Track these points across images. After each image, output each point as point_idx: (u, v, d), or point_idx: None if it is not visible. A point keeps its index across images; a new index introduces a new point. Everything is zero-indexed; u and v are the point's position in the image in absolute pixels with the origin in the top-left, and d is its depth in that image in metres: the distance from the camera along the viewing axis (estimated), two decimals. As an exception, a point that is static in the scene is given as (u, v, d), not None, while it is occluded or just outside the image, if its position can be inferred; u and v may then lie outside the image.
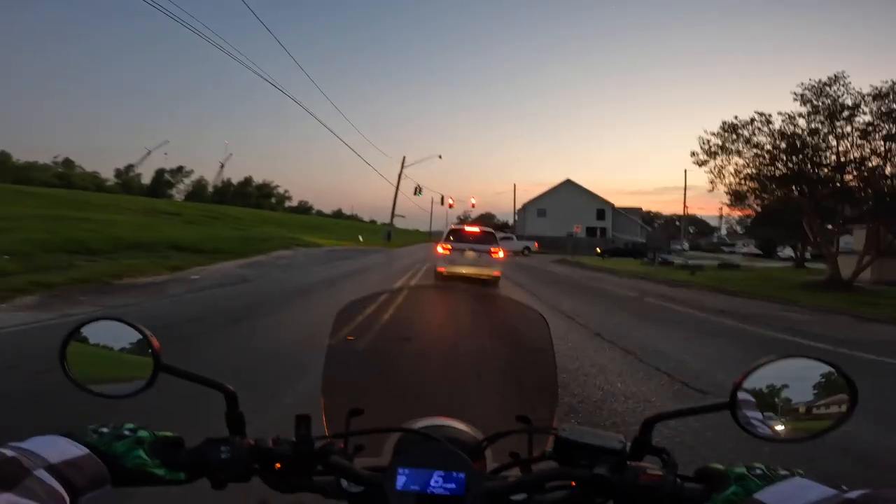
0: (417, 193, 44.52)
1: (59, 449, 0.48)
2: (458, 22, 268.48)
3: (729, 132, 17.07)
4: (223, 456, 0.58)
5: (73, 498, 0.45)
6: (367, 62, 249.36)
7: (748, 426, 0.57)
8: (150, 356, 0.62)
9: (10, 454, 0.44)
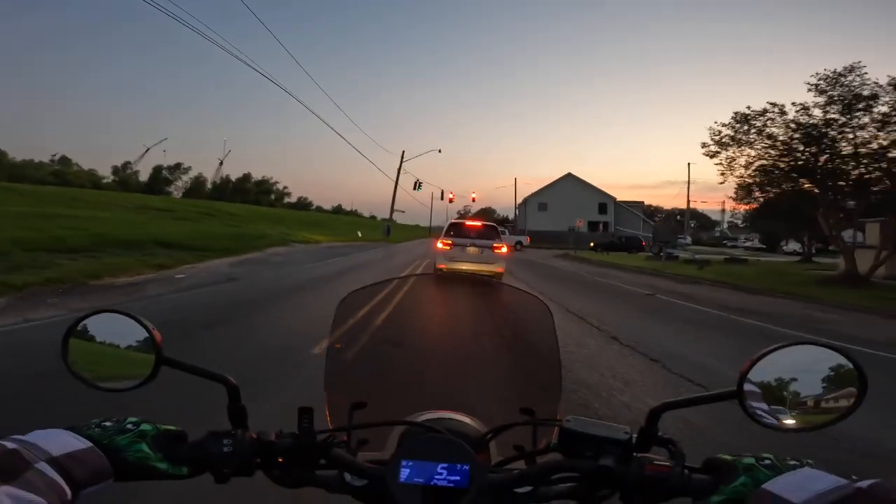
0: (417, 188, 43.51)
1: (61, 442, 0.48)
2: (458, 15, 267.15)
3: (741, 122, 16.46)
4: (225, 450, 0.57)
5: (74, 491, 0.45)
6: (366, 57, 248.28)
7: (756, 415, 0.55)
8: (151, 349, 0.61)
9: (11, 446, 0.44)
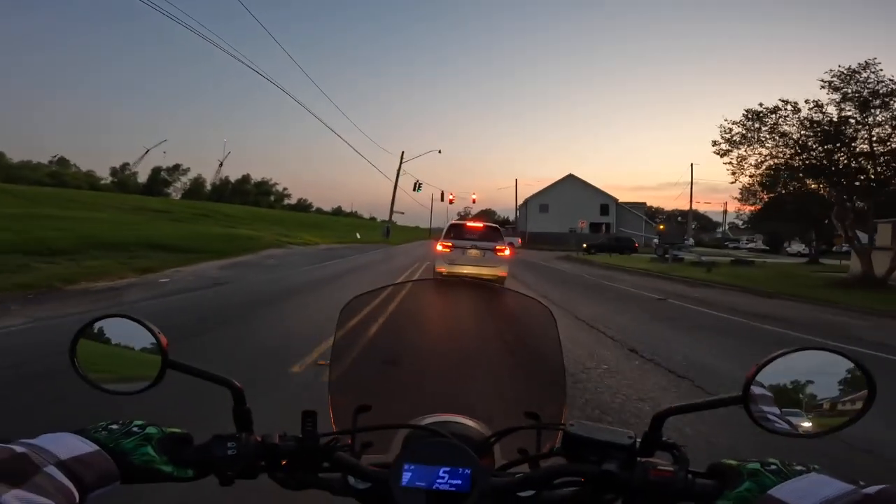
0: (417, 189, 42.86)
1: (68, 446, 0.49)
2: (457, 15, 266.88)
3: (752, 120, 15.85)
4: (230, 452, 0.57)
5: (82, 494, 0.46)
6: (365, 57, 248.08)
7: (762, 421, 0.55)
8: (158, 353, 0.62)
9: (20, 450, 0.44)
